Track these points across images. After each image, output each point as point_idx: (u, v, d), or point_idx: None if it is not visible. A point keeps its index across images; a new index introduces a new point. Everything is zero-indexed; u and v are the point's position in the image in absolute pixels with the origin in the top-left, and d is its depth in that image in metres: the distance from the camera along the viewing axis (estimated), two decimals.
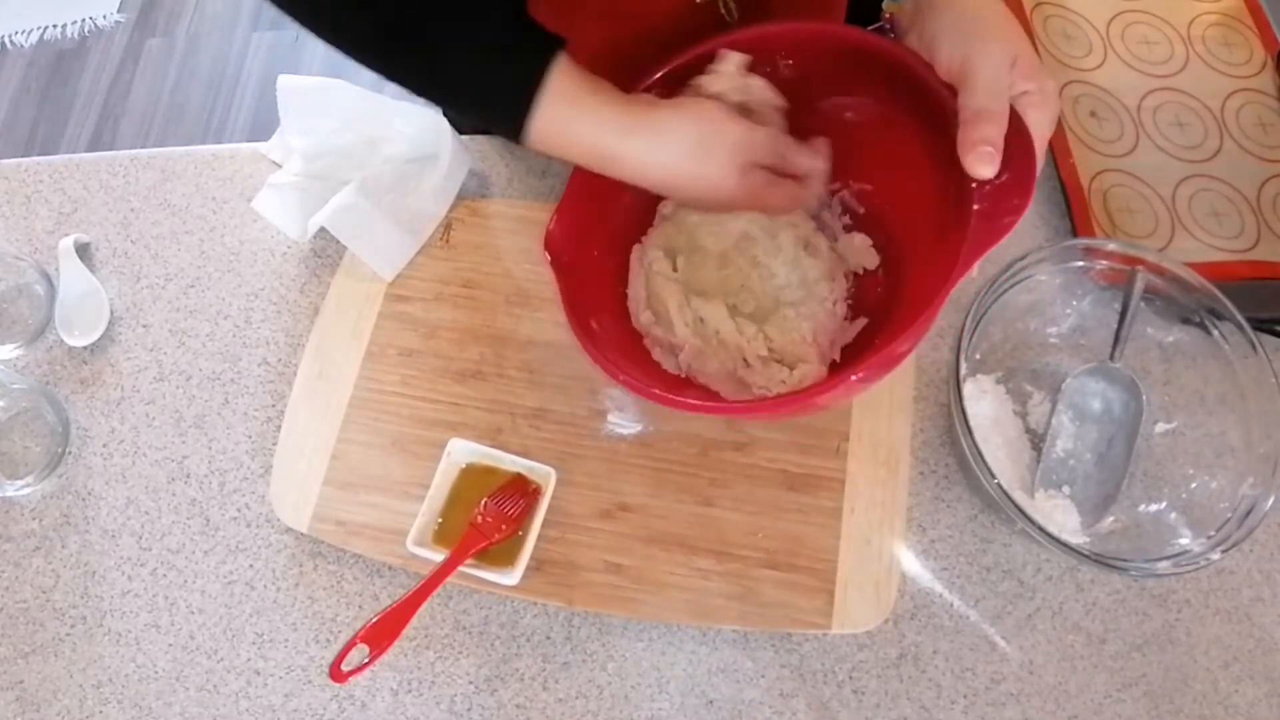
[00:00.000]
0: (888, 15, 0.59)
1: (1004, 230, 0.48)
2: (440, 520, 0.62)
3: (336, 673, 0.55)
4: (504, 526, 0.61)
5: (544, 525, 0.61)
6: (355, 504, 0.65)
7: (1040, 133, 0.50)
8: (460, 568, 0.59)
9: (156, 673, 0.63)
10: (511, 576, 0.59)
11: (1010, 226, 0.48)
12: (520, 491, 0.62)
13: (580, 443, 0.66)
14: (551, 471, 0.62)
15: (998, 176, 0.49)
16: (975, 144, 0.48)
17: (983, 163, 0.48)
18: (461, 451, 0.63)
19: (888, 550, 0.62)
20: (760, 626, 0.61)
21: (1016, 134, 0.49)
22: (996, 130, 0.48)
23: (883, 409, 0.66)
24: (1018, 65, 0.50)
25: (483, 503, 0.61)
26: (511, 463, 0.63)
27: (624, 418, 0.67)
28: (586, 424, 0.67)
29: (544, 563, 0.63)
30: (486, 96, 0.54)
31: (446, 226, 0.74)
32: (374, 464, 0.66)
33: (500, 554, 0.61)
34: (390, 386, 0.69)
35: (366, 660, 0.56)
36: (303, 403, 0.69)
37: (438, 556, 0.59)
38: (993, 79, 0.49)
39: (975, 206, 0.50)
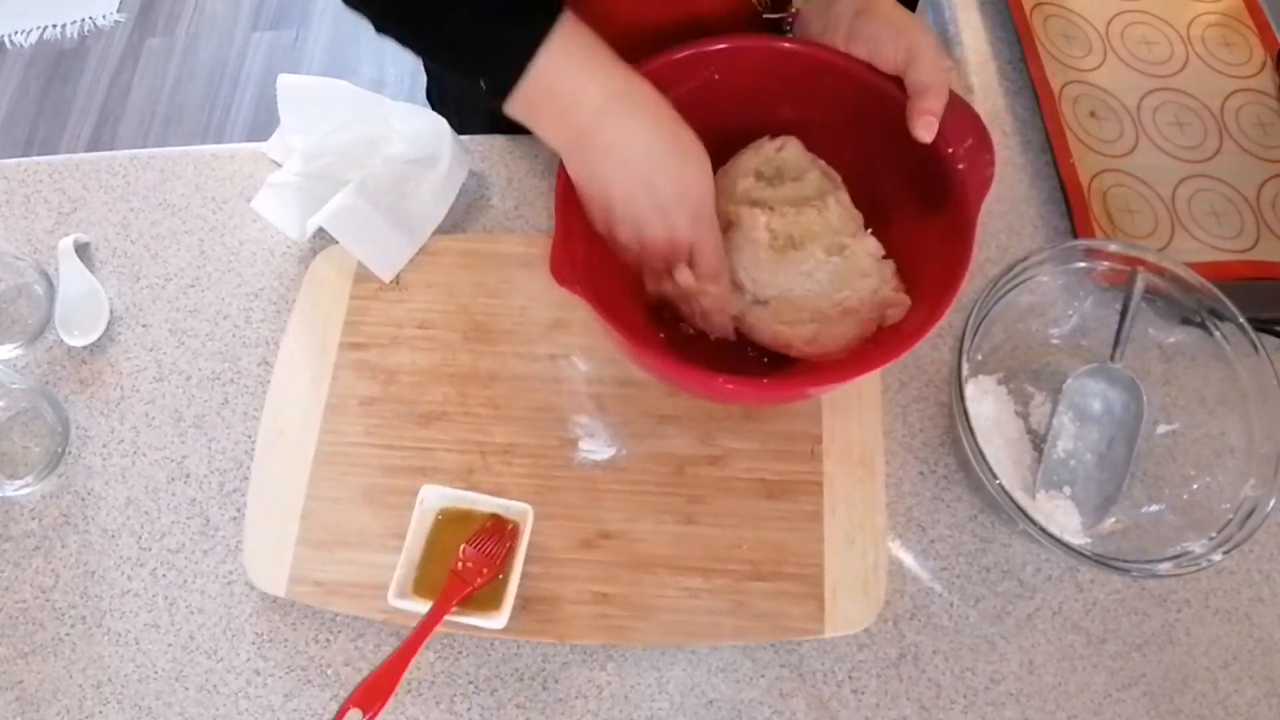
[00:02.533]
0: (794, 11, 0.65)
1: (989, 180, 0.57)
2: (419, 570, 0.60)
3: None
4: (485, 570, 0.59)
5: (526, 562, 0.60)
6: (331, 562, 0.63)
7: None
8: (446, 616, 0.58)
9: (156, 673, 0.63)
10: (499, 620, 0.58)
11: (992, 177, 0.57)
12: (498, 533, 0.60)
13: (554, 474, 0.65)
14: (528, 509, 0.60)
15: (963, 141, 0.57)
16: (922, 113, 0.57)
17: (927, 129, 0.57)
18: (434, 497, 0.61)
19: (871, 548, 0.62)
20: (754, 640, 0.61)
21: (964, 105, 0.58)
22: (939, 102, 0.57)
23: (852, 408, 0.66)
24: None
25: (461, 549, 0.59)
26: (486, 504, 0.61)
27: (595, 444, 0.66)
28: (558, 454, 0.66)
29: (530, 600, 0.62)
30: (483, 44, 0.53)
31: None
32: (347, 519, 0.64)
33: (485, 598, 0.59)
34: (355, 438, 0.67)
35: None
36: (266, 464, 0.66)
37: (421, 607, 0.58)
38: (934, 60, 0.57)
39: (960, 166, 0.58)
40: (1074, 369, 0.65)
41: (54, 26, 2.13)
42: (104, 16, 2.14)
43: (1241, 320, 0.60)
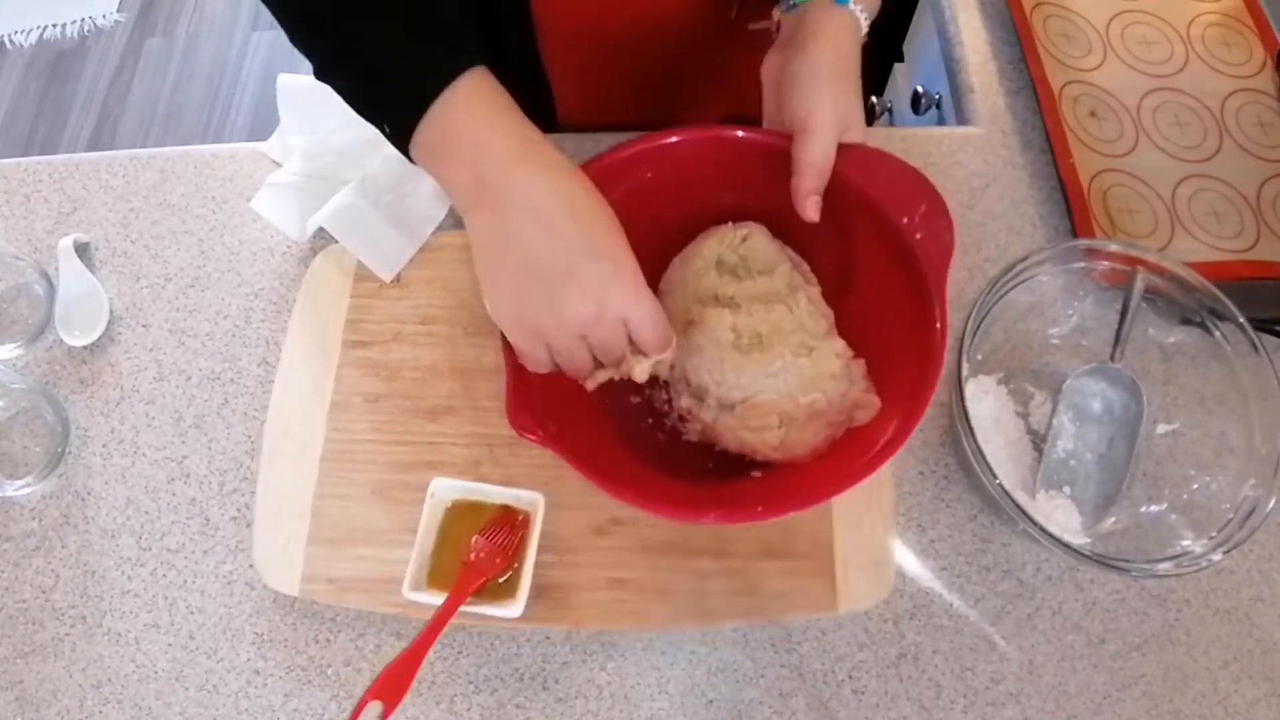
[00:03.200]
0: (776, 20, 0.63)
1: (950, 248, 0.54)
2: (433, 563, 0.60)
3: None
4: (498, 560, 0.59)
5: (539, 551, 0.60)
6: (343, 559, 0.63)
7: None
8: (461, 607, 0.58)
9: (156, 673, 0.63)
10: (514, 609, 0.58)
11: (953, 244, 0.54)
12: (509, 523, 0.61)
13: (562, 463, 0.65)
14: (539, 497, 0.61)
15: (916, 208, 0.55)
16: (805, 194, 0.57)
17: (815, 209, 0.57)
18: (445, 490, 0.62)
19: (880, 527, 0.62)
20: (768, 618, 0.61)
21: (911, 170, 0.57)
22: (817, 181, 0.57)
23: None
24: (850, 130, 0.57)
25: (473, 540, 0.60)
26: (497, 494, 0.62)
27: None
28: None
29: (544, 589, 0.62)
30: (386, 82, 0.52)
31: None
32: (356, 516, 0.65)
33: (499, 587, 0.59)
34: (361, 435, 0.67)
35: (382, 715, 0.55)
36: (274, 466, 0.66)
37: (436, 600, 0.58)
38: (822, 136, 0.56)
39: (917, 235, 0.55)
40: (1074, 369, 0.65)
41: (54, 26, 2.13)
42: (104, 16, 2.14)
43: (1241, 320, 0.60)
